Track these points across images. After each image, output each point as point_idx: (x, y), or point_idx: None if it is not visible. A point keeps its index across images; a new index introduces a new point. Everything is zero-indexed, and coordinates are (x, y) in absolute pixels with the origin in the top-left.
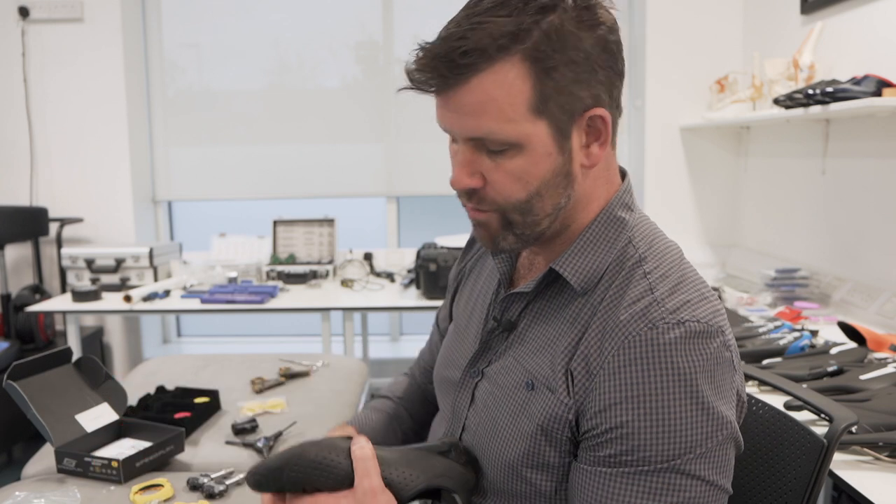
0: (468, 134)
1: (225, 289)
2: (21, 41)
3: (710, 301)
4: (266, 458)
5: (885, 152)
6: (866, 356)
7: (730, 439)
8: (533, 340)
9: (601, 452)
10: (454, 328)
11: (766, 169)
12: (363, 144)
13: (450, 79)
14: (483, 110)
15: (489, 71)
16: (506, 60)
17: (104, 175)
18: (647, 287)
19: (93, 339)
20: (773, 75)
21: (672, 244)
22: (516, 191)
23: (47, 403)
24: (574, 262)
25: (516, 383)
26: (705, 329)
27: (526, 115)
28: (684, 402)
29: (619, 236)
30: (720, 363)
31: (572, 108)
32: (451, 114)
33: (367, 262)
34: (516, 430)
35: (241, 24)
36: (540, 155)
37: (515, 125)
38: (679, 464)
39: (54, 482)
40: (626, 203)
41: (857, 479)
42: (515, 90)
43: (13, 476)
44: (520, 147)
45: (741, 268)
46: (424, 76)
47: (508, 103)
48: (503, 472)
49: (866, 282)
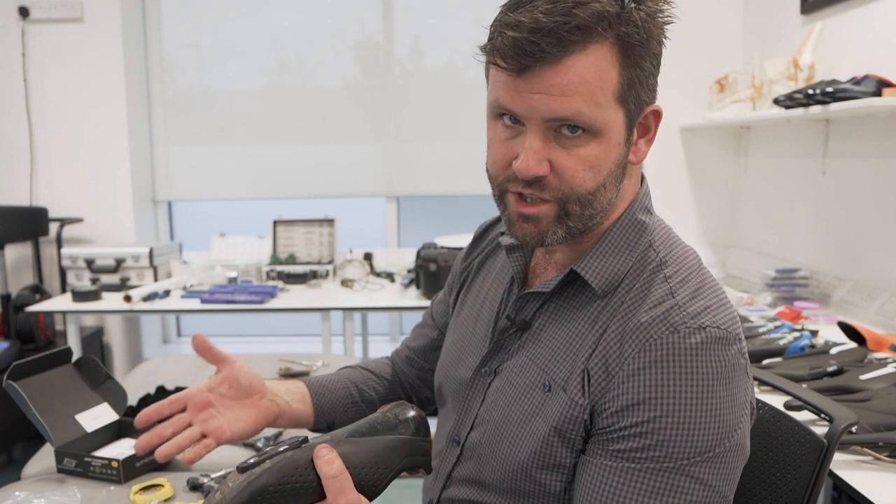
0: (553, 114)
1: (225, 289)
2: (21, 41)
3: (728, 308)
4: (217, 499)
5: (885, 152)
6: (866, 356)
7: (738, 447)
8: (549, 341)
9: (612, 447)
10: (460, 327)
11: (766, 169)
12: (363, 144)
13: (549, 53)
14: (574, 91)
15: (585, 52)
16: (600, 43)
17: (104, 175)
18: (668, 291)
19: (93, 339)
20: (773, 75)
21: (690, 249)
22: (588, 179)
23: (47, 403)
24: (596, 265)
25: (532, 384)
26: (725, 336)
27: (611, 101)
28: (700, 407)
29: (640, 239)
30: (737, 370)
31: (643, 102)
32: (535, 94)
33: (367, 262)
34: (529, 430)
35: (241, 24)
36: (613, 144)
37: (602, 110)
38: (685, 465)
39: (54, 482)
40: (646, 206)
41: (857, 479)
42: (607, 75)
43: (13, 476)
44: (597, 133)
45: (741, 268)
46: (526, 49)
47: (599, 87)
48: (512, 473)
49: (866, 282)
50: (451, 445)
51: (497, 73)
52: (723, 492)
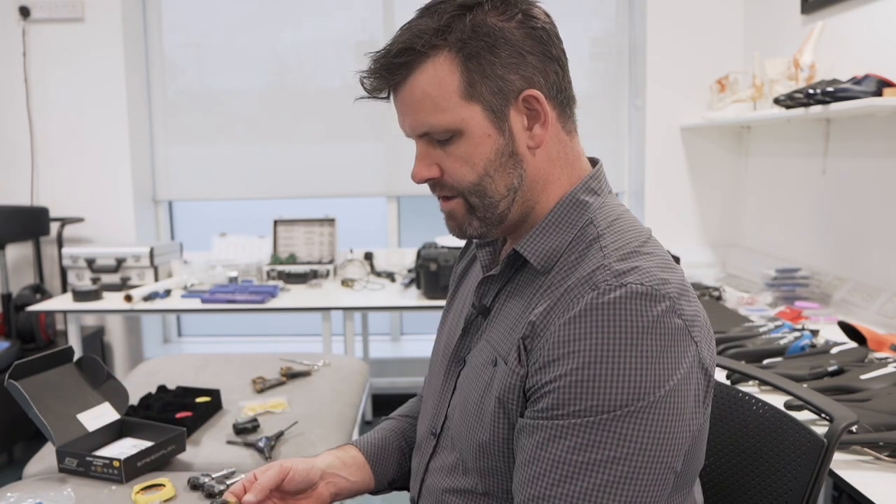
0: (414, 130)
1: (225, 288)
2: (22, 41)
3: (667, 272)
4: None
5: (885, 152)
6: (867, 356)
7: (666, 406)
8: (501, 320)
9: (535, 407)
10: (447, 327)
11: (767, 168)
12: (363, 144)
13: (390, 80)
14: (420, 106)
15: (421, 69)
16: (435, 57)
17: (105, 175)
18: (602, 258)
19: (93, 338)
20: (774, 75)
21: (639, 225)
22: (467, 173)
23: (49, 403)
24: (534, 243)
25: (485, 362)
26: (649, 292)
27: (458, 102)
28: (616, 360)
29: (580, 218)
30: (666, 329)
31: (505, 91)
32: (399, 115)
33: (367, 262)
34: (484, 408)
35: (241, 24)
36: (479, 136)
37: (450, 113)
38: (605, 419)
39: (55, 482)
40: (591, 188)
41: (857, 478)
42: (446, 81)
43: (14, 476)
44: (460, 132)
45: (741, 267)
46: (371, 83)
47: (441, 95)
48: (478, 452)
49: (867, 281)
50: (429, 438)
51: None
52: (651, 450)
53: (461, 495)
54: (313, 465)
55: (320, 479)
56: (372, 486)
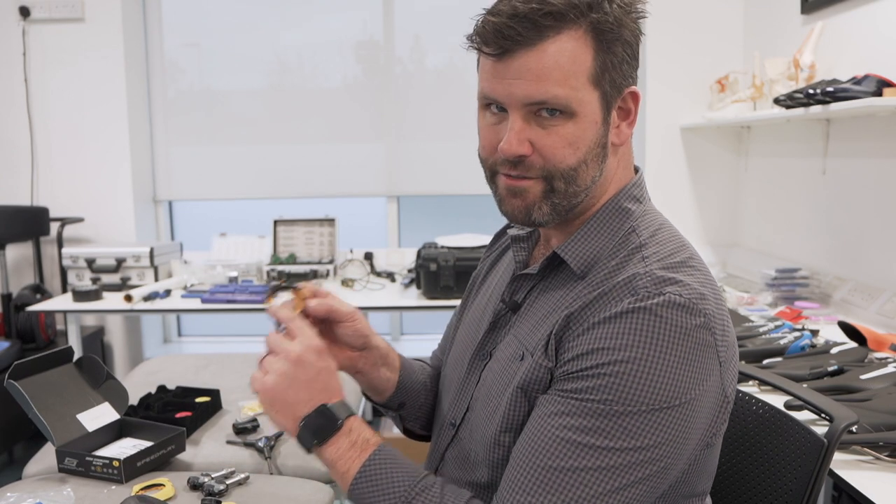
0: (529, 98)
1: (225, 288)
2: (22, 41)
3: (706, 288)
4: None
5: (885, 152)
6: (867, 356)
7: (682, 411)
8: (530, 317)
9: (559, 387)
10: (469, 319)
11: (767, 168)
12: (364, 144)
13: (527, 37)
14: (548, 75)
15: (558, 37)
16: (574, 30)
17: (105, 175)
18: (643, 266)
19: (93, 338)
20: (774, 75)
21: (680, 236)
22: (567, 155)
23: (48, 403)
24: (576, 247)
25: (511, 357)
26: (686, 304)
27: (585, 83)
28: (649, 362)
29: (622, 225)
30: (697, 343)
31: (619, 85)
32: (512, 79)
33: (367, 262)
34: (503, 399)
35: (241, 24)
36: (589, 122)
37: (576, 92)
38: (620, 412)
39: (55, 482)
40: (634, 195)
41: (857, 478)
42: (581, 59)
43: (14, 475)
44: (573, 114)
45: (741, 267)
46: (504, 33)
47: (572, 71)
48: (488, 443)
49: (867, 281)
50: (447, 428)
51: (483, 64)
52: (650, 450)
53: (467, 488)
54: (372, 335)
55: (363, 348)
56: (386, 396)
